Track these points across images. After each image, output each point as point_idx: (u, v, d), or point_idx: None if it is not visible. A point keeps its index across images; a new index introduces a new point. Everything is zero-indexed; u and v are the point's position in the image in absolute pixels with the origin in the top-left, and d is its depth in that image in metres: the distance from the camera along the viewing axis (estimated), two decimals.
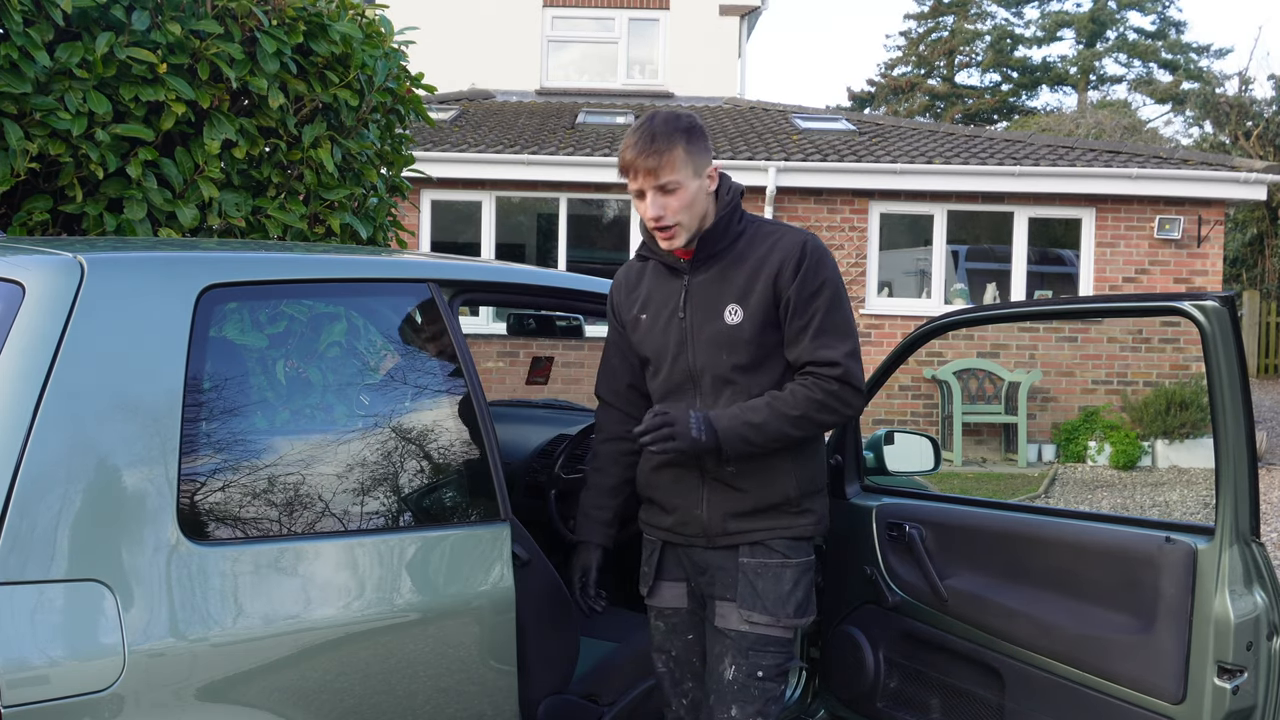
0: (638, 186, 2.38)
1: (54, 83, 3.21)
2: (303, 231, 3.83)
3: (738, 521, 2.41)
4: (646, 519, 2.59)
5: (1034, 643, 2.57)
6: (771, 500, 2.39)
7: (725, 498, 2.41)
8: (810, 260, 2.35)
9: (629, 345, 2.57)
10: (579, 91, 14.19)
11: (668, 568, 2.55)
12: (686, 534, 2.48)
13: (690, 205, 2.37)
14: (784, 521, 2.40)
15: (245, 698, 1.91)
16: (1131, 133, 23.71)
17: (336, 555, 2.12)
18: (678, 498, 2.46)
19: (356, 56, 3.91)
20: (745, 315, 2.36)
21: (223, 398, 2.07)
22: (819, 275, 2.36)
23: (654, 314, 2.49)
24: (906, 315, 10.88)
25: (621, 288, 2.61)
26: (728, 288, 2.39)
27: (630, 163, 2.36)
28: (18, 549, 1.72)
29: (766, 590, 2.38)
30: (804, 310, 2.35)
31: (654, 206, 2.36)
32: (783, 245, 2.38)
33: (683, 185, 2.36)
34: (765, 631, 2.37)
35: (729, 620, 2.40)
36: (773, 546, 2.39)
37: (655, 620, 2.59)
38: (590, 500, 2.64)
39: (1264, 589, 2.28)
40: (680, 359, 2.43)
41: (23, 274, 1.90)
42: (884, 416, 10.62)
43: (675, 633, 2.56)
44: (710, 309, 2.40)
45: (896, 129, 12.61)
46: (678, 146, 2.35)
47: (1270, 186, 11.41)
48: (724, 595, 2.42)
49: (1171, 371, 10.83)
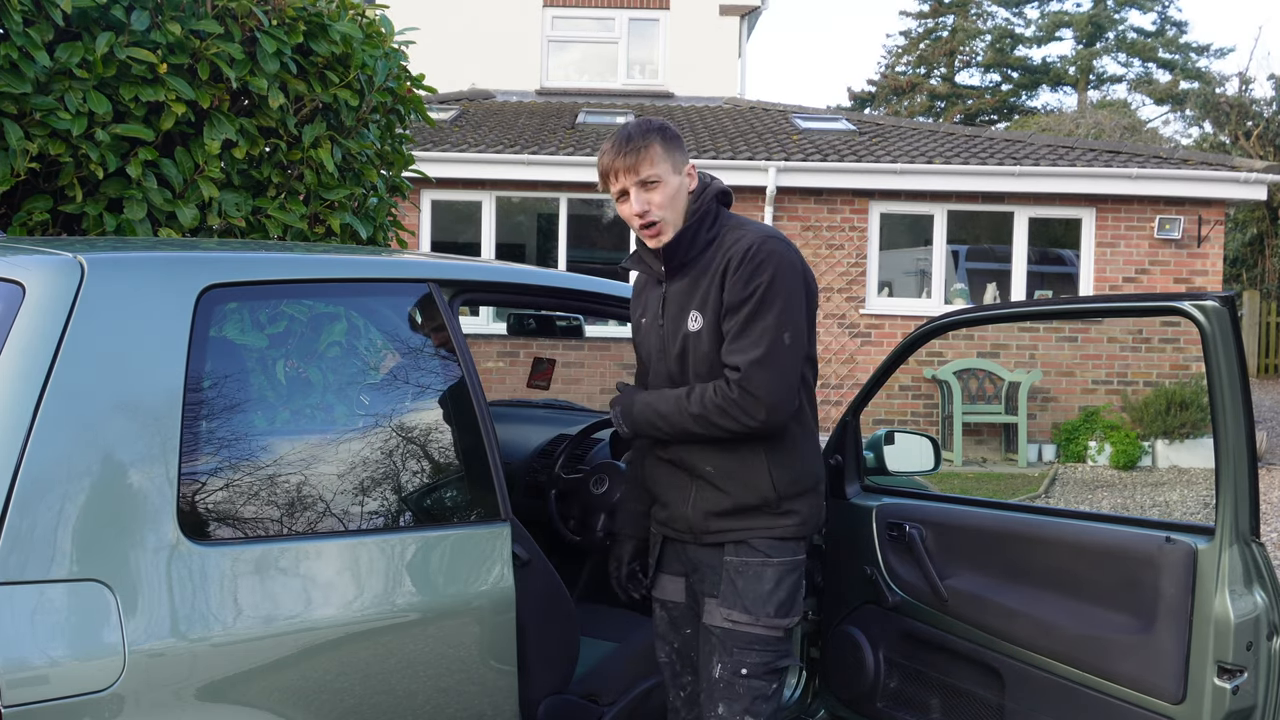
0: (620, 187, 2.41)
1: (54, 83, 3.21)
2: (303, 231, 3.83)
3: (719, 520, 2.43)
4: (651, 512, 2.65)
5: (1034, 643, 2.57)
6: (749, 502, 2.40)
7: (707, 497, 2.43)
8: (751, 263, 2.31)
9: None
10: (579, 91, 14.19)
11: (668, 561, 2.60)
12: (677, 530, 2.53)
13: (673, 200, 2.41)
14: (764, 522, 2.40)
15: (245, 698, 1.91)
16: (1131, 133, 23.70)
17: (337, 555, 2.12)
18: (670, 493, 2.51)
19: (356, 56, 3.91)
20: (704, 323, 2.39)
21: (223, 398, 2.07)
22: (755, 279, 2.31)
23: (647, 319, 2.57)
24: (906, 315, 10.88)
25: (634, 293, 2.70)
26: (694, 295, 2.42)
27: (610, 165, 2.41)
28: (18, 549, 1.72)
29: (746, 589, 2.39)
30: (733, 313, 2.34)
31: (638, 203, 2.40)
32: (735, 247, 2.37)
33: (663, 180, 2.39)
34: (747, 629, 2.38)
35: (713, 617, 2.43)
36: (755, 545, 2.40)
37: (659, 611, 2.64)
38: (627, 490, 2.77)
39: (1264, 589, 2.28)
40: (661, 363, 2.51)
41: (23, 274, 1.90)
42: (884, 416, 10.62)
43: (676, 626, 2.61)
44: (679, 315, 2.45)
45: (896, 129, 12.61)
46: (654, 143, 2.39)
47: (1270, 186, 11.41)
48: (710, 592, 2.45)
49: (1171, 371, 10.82)
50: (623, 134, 2.42)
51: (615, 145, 2.41)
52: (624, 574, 2.72)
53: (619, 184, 2.42)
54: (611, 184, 2.43)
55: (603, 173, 2.44)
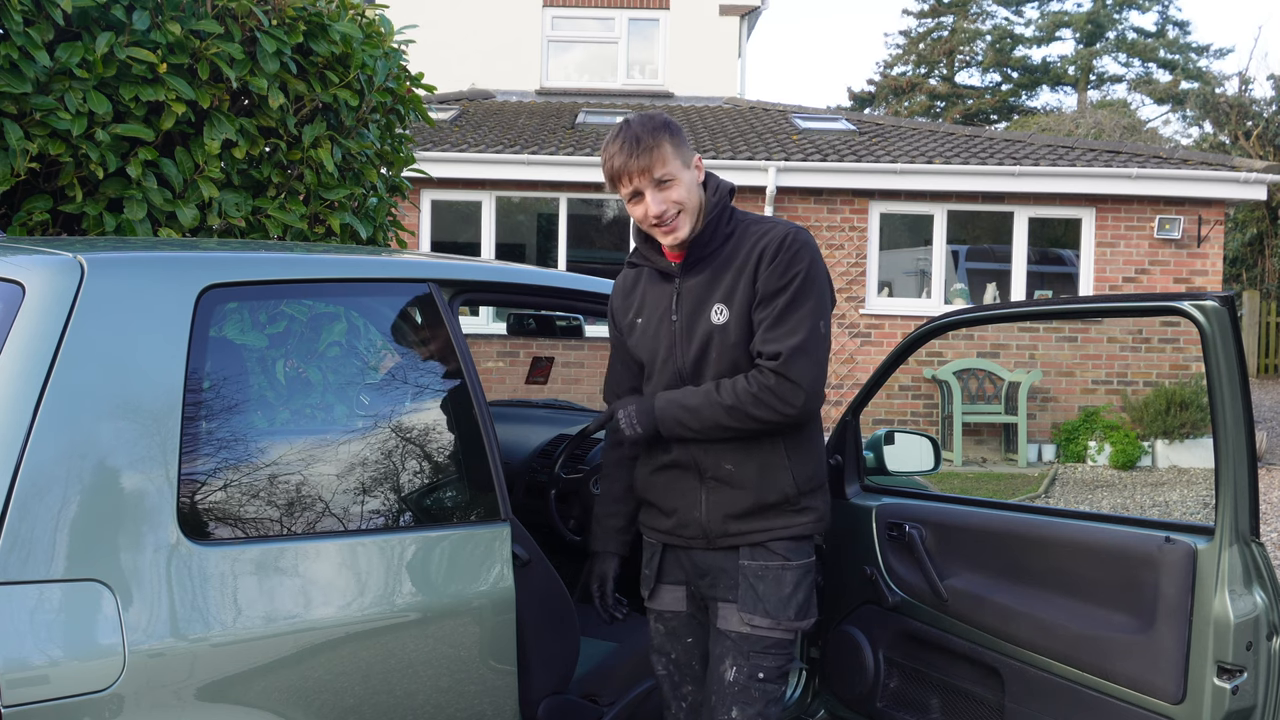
0: (633, 188, 2.37)
1: (54, 83, 3.21)
2: (303, 231, 3.83)
3: (737, 523, 2.39)
4: (646, 521, 2.58)
5: (1034, 643, 2.57)
6: (770, 499, 2.37)
7: (723, 498, 2.39)
8: (788, 252, 2.32)
9: (628, 350, 2.58)
10: (579, 91, 14.18)
11: (668, 570, 2.54)
12: (686, 536, 2.46)
13: (688, 195, 2.37)
14: (783, 520, 2.38)
15: (245, 698, 1.91)
16: (1131, 133, 23.70)
17: (337, 555, 2.12)
18: (676, 499, 2.45)
19: (356, 56, 3.91)
20: (731, 315, 2.35)
21: (223, 397, 2.07)
22: (792, 268, 2.32)
23: (648, 318, 2.50)
24: (906, 315, 10.88)
25: (619, 294, 2.62)
26: (716, 289, 2.38)
27: (621, 167, 2.35)
28: (18, 549, 1.72)
29: (767, 593, 2.37)
30: (768, 302, 2.31)
31: (655, 203, 2.35)
32: (766, 239, 2.35)
33: (677, 177, 2.36)
34: (766, 634, 2.37)
35: (730, 622, 2.40)
36: (773, 549, 2.38)
37: (655, 623, 2.59)
38: (603, 508, 2.66)
39: (1264, 589, 2.28)
40: (670, 360, 2.43)
41: (23, 274, 1.90)
42: (884, 416, 10.63)
43: (674, 636, 2.56)
44: (699, 309, 2.40)
45: (896, 129, 12.61)
46: (664, 141, 2.35)
47: (1270, 186, 11.41)
48: (725, 597, 2.41)
49: (1171, 371, 10.83)
50: (629, 134, 2.35)
51: (625, 146, 2.34)
52: (609, 595, 2.63)
53: (631, 185, 2.36)
54: (622, 186, 2.38)
55: (613, 175, 2.37)
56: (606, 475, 2.67)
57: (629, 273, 2.61)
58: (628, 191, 2.38)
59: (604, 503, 2.67)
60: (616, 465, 2.64)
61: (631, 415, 2.42)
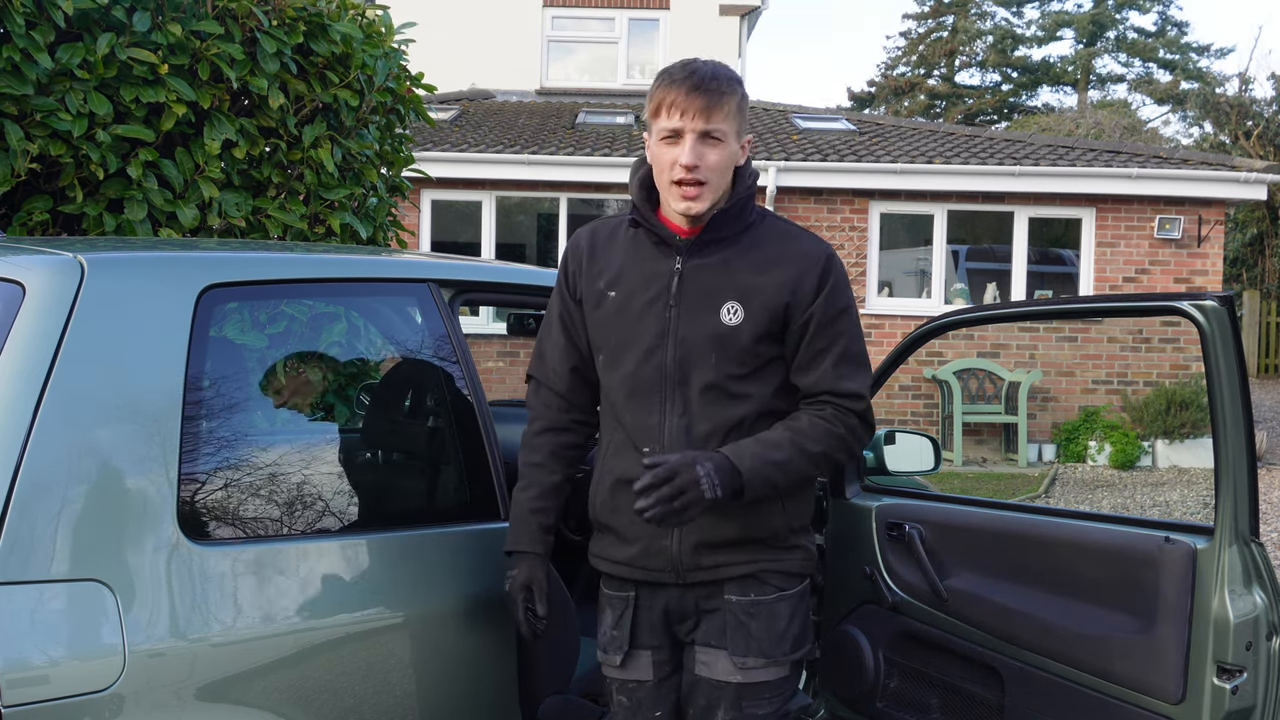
0: (677, 126, 2.01)
1: (55, 84, 3.21)
2: (303, 231, 3.83)
3: (712, 555, 2.07)
4: (600, 551, 2.20)
5: (1034, 643, 2.57)
6: (758, 534, 2.09)
7: (701, 524, 2.04)
8: (836, 279, 2.10)
9: (581, 323, 2.18)
10: (579, 91, 14.19)
11: (641, 633, 2.15)
12: (651, 568, 2.11)
13: (725, 167, 2.06)
14: (768, 555, 2.11)
15: (245, 698, 1.91)
16: (1131, 133, 23.70)
17: (337, 555, 2.12)
18: (643, 525, 2.03)
19: (356, 56, 3.91)
20: (745, 318, 2.05)
21: (223, 397, 2.07)
22: (844, 297, 2.11)
23: (626, 294, 2.11)
24: (906, 315, 10.88)
25: (584, 253, 2.19)
26: (729, 281, 2.07)
27: (676, 99, 2.00)
28: (18, 549, 1.72)
29: (760, 631, 2.08)
30: (826, 332, 2.07)
31: (690, 153, 2.00)
32: (804, 253, 2.10)
33: (726, 140, 2.04)
34: (761, 677, 2.09)
35: (717, 670, 2.09)
36: (764, 580, 2.10)
37: (618, 694, 2.19)
38: (530, 502, 2.21)
39: (1264, 589, 2.28)
40: (656, 354, 2.08)
41: (23, 274, 1.91)
42: (884, 416, 10.59)
43: (639, 711, 2.17)
44: (706, 302, 2.06)
45: (896, 129, 12.61)
46: (735, 96, 2.04)
47: (1270, 186, 11.41)
48: (707, 641, 2.11)
49: (1171, 371, 10.83)
50: (705, 69, 2.02)
51: (691, 78, 2.00)
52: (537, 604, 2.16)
53: (676, 122, 2.01)
54: (665, 117, 2.02)
55: (663, 100, 2.02)
56: (540, 464, 2.24)
57: (608, 228, 2.20)
58: (669, 126, 2.02)
59: (534, 495, 2.21)
60: (553, 454, 2.24)
61: (712, 476, 1.94)
